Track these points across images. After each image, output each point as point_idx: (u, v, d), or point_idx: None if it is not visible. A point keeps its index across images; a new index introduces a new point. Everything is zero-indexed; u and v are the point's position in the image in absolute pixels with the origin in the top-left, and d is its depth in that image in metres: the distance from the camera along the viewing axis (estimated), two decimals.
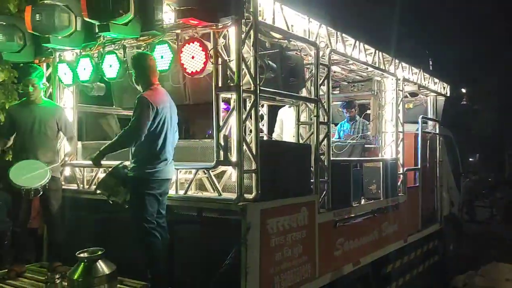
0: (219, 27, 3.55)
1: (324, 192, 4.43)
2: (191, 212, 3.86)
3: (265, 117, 6.28)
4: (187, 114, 5.14)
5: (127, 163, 3.77)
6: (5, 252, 7.89)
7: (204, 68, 3.59)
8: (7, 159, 5.72)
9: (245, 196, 3.51)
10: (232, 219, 3.49)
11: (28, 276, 4.19)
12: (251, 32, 3.55)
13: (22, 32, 4.35)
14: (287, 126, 5.58)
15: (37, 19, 3.75)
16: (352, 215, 4.92)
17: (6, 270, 4.20)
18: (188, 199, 3.83)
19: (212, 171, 3.71)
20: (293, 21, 4.16)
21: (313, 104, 4.41)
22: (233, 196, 3.57)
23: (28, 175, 4.09)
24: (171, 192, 3.86)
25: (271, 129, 6.23)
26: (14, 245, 4.55)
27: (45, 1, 3.76)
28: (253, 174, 3.57)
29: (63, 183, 4.58)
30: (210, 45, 3.59)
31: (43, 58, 4.65)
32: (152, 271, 3.55)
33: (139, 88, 3.79)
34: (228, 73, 3.58)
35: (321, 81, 4.46)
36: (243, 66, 3.51)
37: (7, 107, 5.44)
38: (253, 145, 3.58)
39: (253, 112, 3.60)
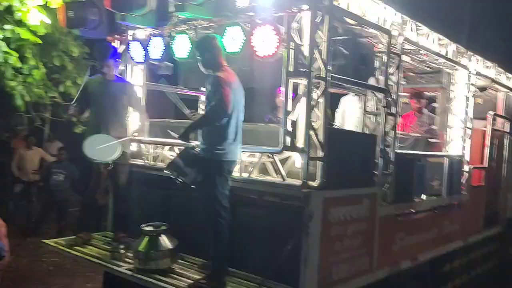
0: (294, 10, 3.49)
1: (387, 185, 4.32)
2: (252, 195, 3.87)
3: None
4: (249, 97, 5.15)
5: (195, 143, 3.82)
6: (68, 219, 8.42)
7: (276, 52, 3.56)
8: (77, 131, 6.02)
9: (309, 183, 3.49)
10: (295, 205, 3.48)
11: (93, 244, 4.41)
12: (326, 17, 3.47)
13: (99, 9, 4.48)
14: (350, 116, 5.46)
15: (69, 15, 3.84)
16: (413, 211, 4.77)
17: (75, 237, 4.44)
18: (251, 181, 3.85)
19: (277, 156, 3.70)
20: (367, 7, 4.02)
21: (381, 94, 4.28)
22: (297, 182, 3.55)
23: (101, 149, 4.25)
24: (234, 173, 3.90)
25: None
26: (82, 214, 4.80)
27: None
28: (319, 162, 3.53)
29: (130, 158, 4.74)
30: (282, 29, 3.55)
31: (117, 36, 4.78)
32: (215, 250, 3.61)
33: (207, 71, 3.78)
34: (299, 58, 3.52)
35: (391, 70, 4.31)
36: (315, 52, 3.45)
37: (78, 81, 5.67)
38: (320, 132, 3.53)
39: (322, 98, 3.55)
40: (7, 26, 4.67)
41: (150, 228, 3.77)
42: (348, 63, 3.96)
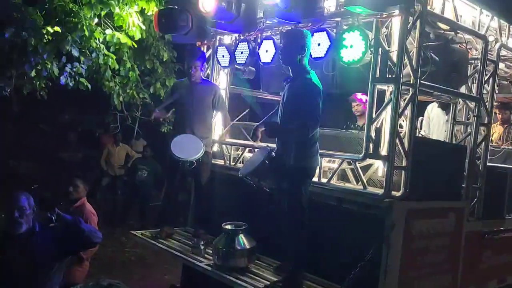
0: (384, 16, 3.43)
1: (475, 200, 4.07)
2: (330, 201, 3.84)
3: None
4: (330, 103, 5.13)
5: (272, 146, 3.85)
6: (149, 213, 8.90)
7: (362, 58, 3.51)
8: (163, 130, 6.38)
9: (392, 193, 3.39)
10: (375, 215, 3.40)
11: (176, 238, 4.63)
12: (418, 22, 3.36)
13: (190, 15, 4.71)
14: (436, 124, 5.22)
15: (162, 21, 4.01)
16: (503, 228, 4.45)
17: (159, 230, 4.69)
18: (330, 188, 3.82)
19: (358, 163, 3.65)
20: (462, 12, 3.84)
21: (473, 103, 4.05)
22: (378, 191, 3.47)
23: (185, 148, 4.45)
24: (314, 179, 3.89)
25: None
26: (165, 209, 5.06)
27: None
28: (403, 171, 3.42)
29: (212, 158, 4.92)
30: (370, 35, 3.50)
31: (205, 41, 5.00)
32: (294, 254, 3.62)
33: (286, 65, 3.73)
34: (387, 64, 3.45)
35: (486, 78, 4.07)
36: (405, 58, 3.35)
37: (167, 83, 6.00)
38: (406, 141, 3.43)
39: (409, 106, 3.44)
40: (108, 31, 5.08)
41: (230, 227, 3.88)
42: (439, 70, 3.80)
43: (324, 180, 3.89)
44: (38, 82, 4.99)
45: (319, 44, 3.82)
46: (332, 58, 3.96)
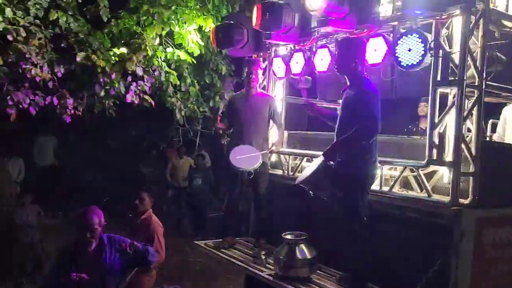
0: (443, 17, 3.31)
1: None
2: (393, 210, 3.74)
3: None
4: (390, 109, 5.01)
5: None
6: (207, 223, 9.11)
7: (422, 61, 3.40)
8: (223, 142, 6.53)
9: (460, 200, 3.23)
10: (442, 224, 3.26)
11: (238, 248, 4.69)
12: (480, 21, 3.22)
13: (246, 29, 4.83)
14: (510, 126, 4.91)
15: (266, 17, 4.08)
16: None
17: (221, 240, 4.79)
18: (392, 196, 3.72)
19: (421, 170, 3.52)
20: None
21: None
22: (444, 199, 3.32)
23: (243, 158, 4.53)
24: (374, 187, 3.81)
25: None
26: (226, 219, 5.16)
27: (271, 0, 4.07)
28: (471, 177, 3.26)
29: (269, 167, 4.97)
30: (430, 37, 3.39)
31: (261, 53, 5.09)
32: (355, 265, 3.56)
33: (341, 74, 3.70)
34: (449, 66, 3.32)
35: None
36: (468, 59, 3.21)
37: (225, 97, 6.16)
38: (472, 146, 3.27)
39: (475, 109, 3.28)
40: (168, 49, 5.33)
41: (290, 237, 3.88)
42: (507, 69, 3.60)
43: (385, 189, 3.78)
44: (107, 101, 5.33)
45: (375, 50, 3.76)
46: (390, 63, 3.87)
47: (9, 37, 4.46)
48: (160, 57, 5.25)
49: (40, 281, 6.50)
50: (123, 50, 5.01)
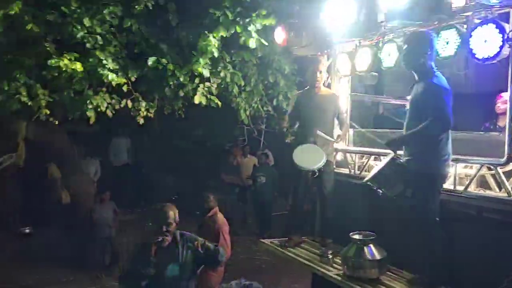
0: None
1: None
2: (468, 210, 3.55)
3: None
4: (464, 104, 4.76)
5: (400, 153, 3.70)
6: (271, 222, 9.17)
7: (499, 53, 3.20)
8: (287, 141, 6.55)
9: None
10: None
11: (303, 247, 4.69)
12: None
13: (310, 28, 4.80)
14: None
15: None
16: None
17: (287, 238, 4.81)
18: (467, 196, 3.53)
19: (500, 168, 3.31)
20: None
21: None
22: None
23: (308, 157, 4.51)
24: (448, 186, 3.63)
25: None
26: (292, 218, 5.17)
27: None
28: None
29: (335, 166, 4.91)
30: (507, 27, 3.18)
31: (325, 51, 5.04)
32: (429, 267, 3.42)
33: (409, 69, 3.57)
34: None
35: None
36: None
37: (288, 96, 6.17)
38: None
39: None
40: (233, 50, 5.45)
41: (358, 237, 3.81)
42: None
43: (460, 188, 3.60)
44: (176, 103, 5.56)
45: (447, 42, 3.59)
46: (463, 56, 3.68)
47: (88, 45, 4.79)
48: (226, 59, 5.38)
49: (117, 274, 6.92)
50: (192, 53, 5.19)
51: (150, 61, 5.00)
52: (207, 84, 5.46)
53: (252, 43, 5.30)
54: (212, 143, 9.44)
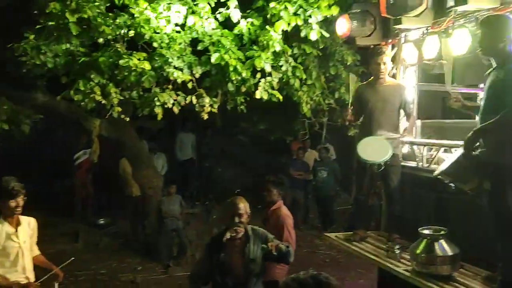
0: None
1: None
2: None
3: None
4: None
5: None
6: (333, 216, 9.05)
7: None
8: (350, 134, 6.45)
9: None
10: None
11: (369, 242, 4.59)
12: None
13: (373, 17, 4.68)
14: None
15: (391, 2, 3.92)
16: None
17: (352, 233, 4.74)
18: None
19: None
20: None
21: None
22: None
23: (372, 150, 4.41)
24: None
25: None
26: (357, 213, 5.09)
27: None
28: None
29: (401, 159, 4.75)
30: None
31: (390, 40, 4.88)
32: (508, 266, 3.22)
33: (485, 56, 3.37)
34: None
35: None
36: None
37: (351, 87, 6.04)
38: None
39: None
40: (295, 44, 5.45)
41: (428, 232, 3.67)
42: None
43: None
44: (238, 98, 5.65)
45: None
46: None
47: (155, 44, 4.99)
48: (287, 52, 5.38)
49: (184, 264, 7.20)
50: (254, 48, 5.25)
51: (214, 57, 5.12)
52: (269, 78, 5.49)
53: (313, 36, 5.25)
54: (274, 137, 9.50)
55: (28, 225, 4.00)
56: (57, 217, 8.36)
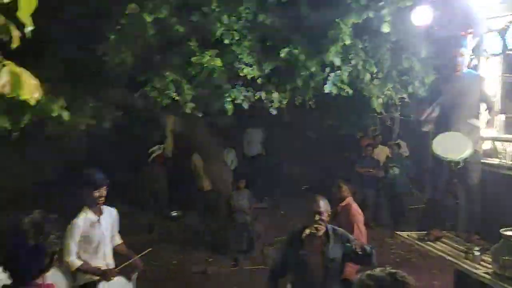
0: None
1: None
2: None
3: None
4: None
5: None
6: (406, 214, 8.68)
7: None
8: (424, 129, 6.14)
9: None
10: None
11: (445, 242, 4.39)
12: None
13: (453, 5, 4.43)
14: None
15: None
16: None
17: (426, 232, 4.54)
18: None
19: None
20: None
21: None
22: None
23: (450, 147, 4.19)
24: None
25: None
26: (431, 212, 4.86)
27: None
28: None
29: (482, 156, 4.48)
30: None
31: (470, 30, 4.61)
32: None
33: None
34: None
35: None
36: None
37: (425, 81, 5.77)
38: None
39: None
40: (365, 36, 5.29)
41: (510, 233, 3.43)
42: None
43: None
44: (307, 93, 5.61)
45: None
46: None
47: (226, 41, 5.10)
48: (357, 45, 5.24)
49: (253, 258, 7.31)
50: (322, 42, 5.18)
51: (283, 52, 5.12)
52: (338, 72, 5.39)
53: (385, 28, 5.07)
54: (342, 133, 9.30)
55: (110, 215, 4.27)
56: (132, 209, 8.82)
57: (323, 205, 3.45)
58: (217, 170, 8.03)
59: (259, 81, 5.40)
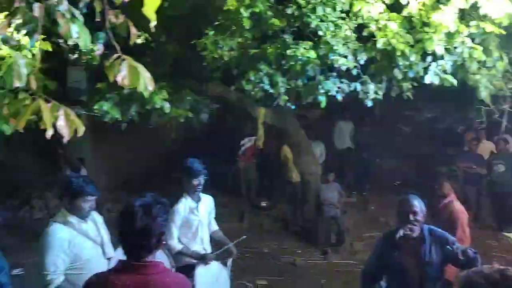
0: None
1: None
2: None
3: None
4: None
5: None
6: None
7: None
8: None
9: None
10: None
11: None
12: None
13: None
14: None
15: None
16: None
17: None
18: None
19: None
20: None
21: None
22: None
23: None
24: None
25: None
26: None
27: None
28: None
29: None
30: None
31: None
32: None
33: None
34: None
35: None
36: None
37: None
38: None
39: None
40: (472, 22, 4.89)
41: None
42: None
43: None
44: (405, 84, 5.35)
45: None
46: None
47: (320, 33, 5.04)
48: (463, 32, 4.86)
49: (342, 252, 7.22)
50: (425, 30, 4.89)
51: (380, 42, 4.92)
52: (441, 62, 5.06)
53: (493, 12, 4.64)
54: (442, 126, 8.73)
55: (207, 202, 4.49)
56: (225, 197, 9.13)
57: (418, 205, 3.27)
58: (306, 162, 8.02)
59: (354, 72, 5.27)
